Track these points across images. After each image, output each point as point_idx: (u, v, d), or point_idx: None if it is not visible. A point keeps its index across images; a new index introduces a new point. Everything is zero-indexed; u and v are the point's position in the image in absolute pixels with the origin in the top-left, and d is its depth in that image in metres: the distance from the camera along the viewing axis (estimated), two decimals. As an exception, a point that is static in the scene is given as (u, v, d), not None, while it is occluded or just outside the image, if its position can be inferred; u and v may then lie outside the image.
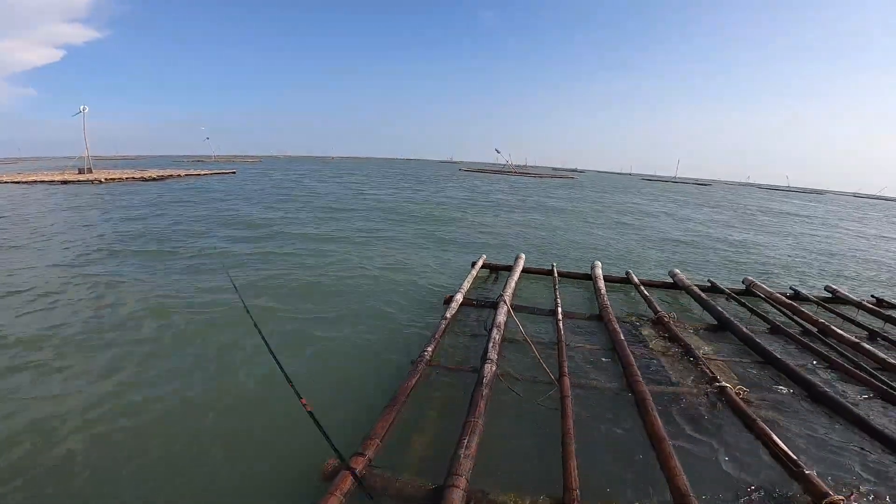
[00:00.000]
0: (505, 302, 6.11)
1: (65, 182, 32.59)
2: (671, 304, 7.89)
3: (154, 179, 37.87)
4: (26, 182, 32.01)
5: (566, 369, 4.56)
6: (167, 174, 41.67)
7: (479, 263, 9.07)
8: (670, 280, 8.99)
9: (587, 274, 9.03)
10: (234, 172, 51.62)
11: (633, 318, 6.72)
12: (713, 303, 7.29)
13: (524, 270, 9.07)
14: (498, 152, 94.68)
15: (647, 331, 6.20)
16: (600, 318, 6.58)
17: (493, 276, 9.25)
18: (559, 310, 6.46)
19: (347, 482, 2.85)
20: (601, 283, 8.02)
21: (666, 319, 6.34)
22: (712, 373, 4.67)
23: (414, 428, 3.78)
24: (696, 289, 8.11)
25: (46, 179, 33.35)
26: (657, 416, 3.69)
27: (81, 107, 42.42)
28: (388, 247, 12.38)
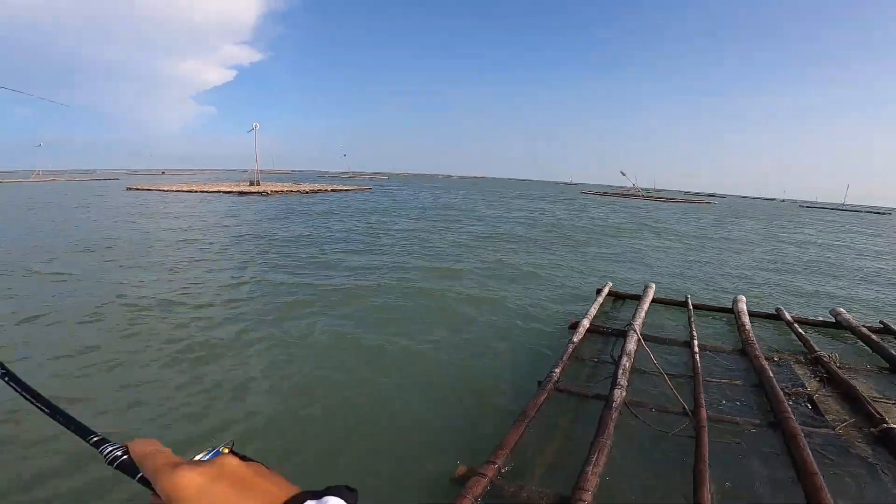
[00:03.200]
0: (635, 330, 6.00)
1: (241, 193, 38.37)
2: (831, 344, 7.03)
3: (307, 192, 43.04)
4: (213, 192, 38.53)
5: (702, 400, 4.44)
6: (317, 188, 47.10)
7: (605, 291, 8.93)
8: (832, 319, 8.01)
9: (727, 308, 8.40)
10: (370, 189, 55.83)
11: (784, 356, 6.18)
12: (885, 345, 6.41)
13: (654, 300, 8.70)
14: (623, 174, 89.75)
15: (800, 370, 5.71)
16: (743, 352, 6.18)
17: (620, 304, 9.05)
18: (695, 341, 6.19)
19: (479, 486, 3.06)
20: (745, 318, 7.41)
21: (825, 359, 5.74)
22: (879, 414, 4.20)
23: (540, 443, 3.97)
24: (864, 329, 7.12)
25: (227, 190, 39.76)
26: (809, 451, 3.49)
27: (254, 124, 49.78)
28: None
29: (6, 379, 0.60)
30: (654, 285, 9.23)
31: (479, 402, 5.00)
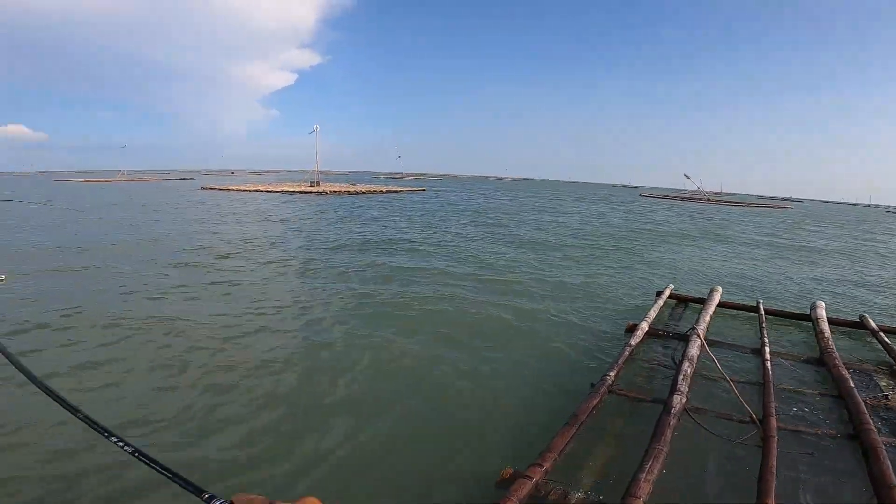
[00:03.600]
0: (698, 335, 5.67)
1: (301, 193, 40.22)
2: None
3: (363, 193, 44.12)
4: (276, 192, 40.62)
5: (772, 410, 4.19)
6: (373, 189, 48.22)
7: (666, 293, 8.55)
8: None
9: (805, 314, 7.83)
10: (423, 190, 55.45)
11: (866, 366, 5.79)
12: None
13: (720, 304, 8.24)
14: (687, 177, 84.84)
15: (884, 381, 5.33)
16: (821, 361, 5.80)
17: (681, 307, 8.60)
18: (766, 348, 5.83)
19: (524, 489, 2.96)
20: (825, 325, 6.89)
21: (914, 371, 5.32)
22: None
23: (591, 448, 3.81)
24: (962, 341, 6.39)
25: (289, 190, 41.76)
26: (889, 464, 3.25)
27: (315, 126, 51.28)
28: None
29: (137, 455, 0.80)
30: (720, 288, 8.76)
31: (527, 406, 4.82)
